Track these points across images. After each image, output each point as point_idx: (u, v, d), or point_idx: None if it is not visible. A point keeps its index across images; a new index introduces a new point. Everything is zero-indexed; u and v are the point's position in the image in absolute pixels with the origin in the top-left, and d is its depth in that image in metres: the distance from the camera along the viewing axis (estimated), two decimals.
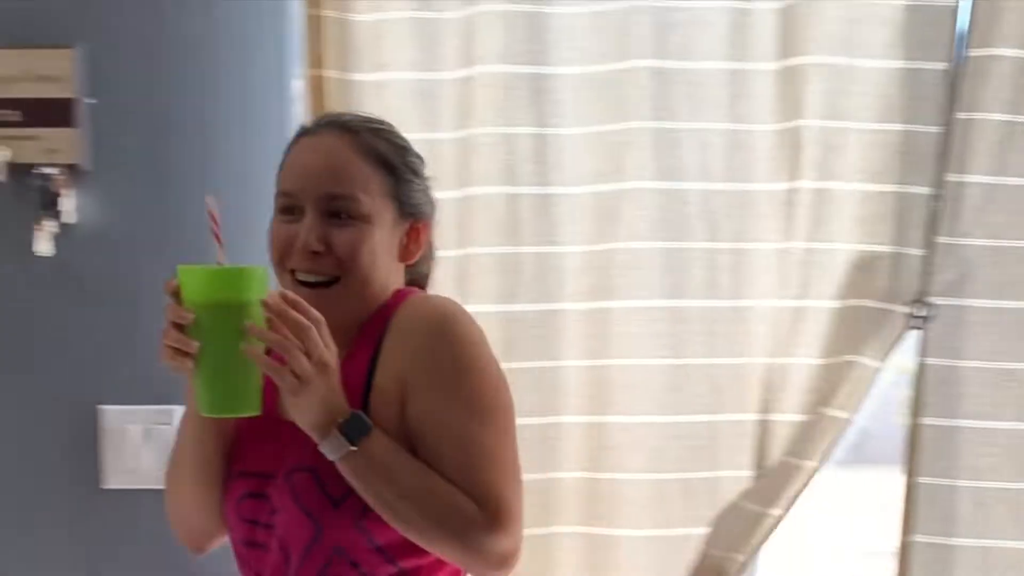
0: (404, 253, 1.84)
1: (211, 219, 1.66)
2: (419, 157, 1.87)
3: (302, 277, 1.75)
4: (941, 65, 2.45)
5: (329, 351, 1.64)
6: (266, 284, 1.65)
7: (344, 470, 1.67)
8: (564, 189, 2.54)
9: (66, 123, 2.47)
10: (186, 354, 1.62)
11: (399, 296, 1.82)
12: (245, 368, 1.64)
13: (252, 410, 1.67)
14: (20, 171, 2.46)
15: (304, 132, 1.83)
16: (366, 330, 1.78)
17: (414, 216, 1.84)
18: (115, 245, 2.50)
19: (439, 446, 1.70)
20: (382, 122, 1.85)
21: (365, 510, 1.70)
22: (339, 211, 1.75)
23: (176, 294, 1.62)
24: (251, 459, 1.82)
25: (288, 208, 1.77)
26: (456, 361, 1.72)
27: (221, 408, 1.68)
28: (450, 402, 1.71)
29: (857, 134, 2.48)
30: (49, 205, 2.46)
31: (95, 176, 2.49)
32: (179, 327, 1.62)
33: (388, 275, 1.81)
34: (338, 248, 1.75)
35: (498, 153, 2.53)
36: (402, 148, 1.84)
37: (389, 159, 1.81)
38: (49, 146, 2.47)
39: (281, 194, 1.78)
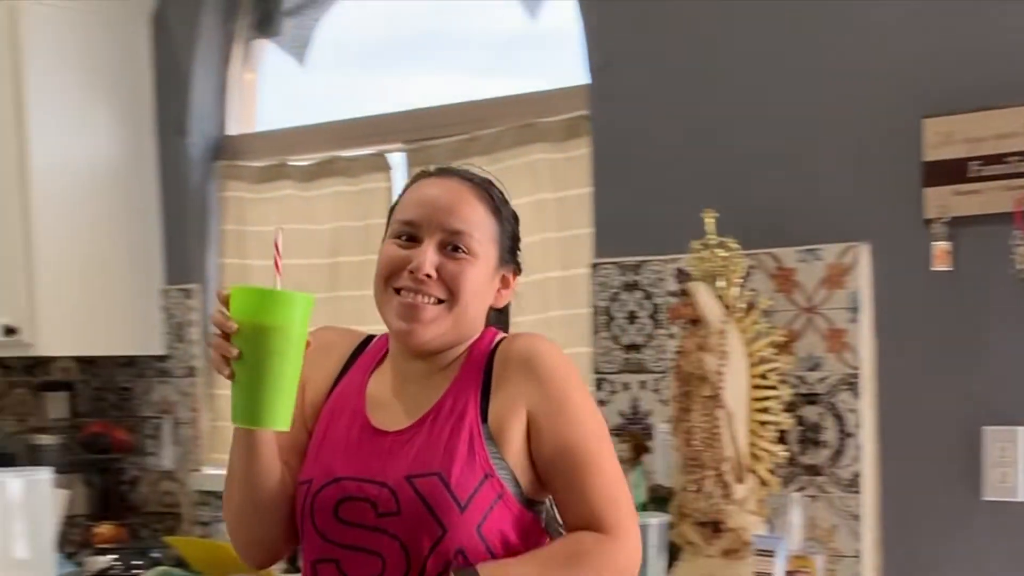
0: (497, 297, 2.01)
1: (276, 250, 1.82)
2: (516, 217, 2.04)
3: (407, 298, 1.91)
4: None
5: None
6: (310, 311, 1.77)
7: None
8: None
9: None
10: (227, 363, 1.76)
11: (490, 334, 2.00)
12: (278, 386, 1.75)
13: (281, 426, 1.78)
14: None
15: (424, 175, 2.01)
16: (468, 364, 1.96)
17: (509, 265, 2.01)
18: None
19: (580, 473, 1.89)
20: (493, 177, 2.05)
21: (485, 516, 1.86)
22: (456, 244, 1.92)
23: (227, 305, 1.77)
24: (349, 466, 1.93)
25: (406, 235, 1.93)
26: (573, 393, 1.92)
27: (249, 420, 1.78)
28: (578, 433, 1.90)
29: None
30: None
31: None
32: (226, 336, 1.75)
33: (481, 313, 1.98)
34: (448, 274, 1.91)
35: None
36: (506, 203, 2.03)
37: (499, 209, 1.99)
38: None
39: (402, 222, 1.94)
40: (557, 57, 3.38)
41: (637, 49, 3.11)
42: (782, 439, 2.80)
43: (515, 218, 2.04)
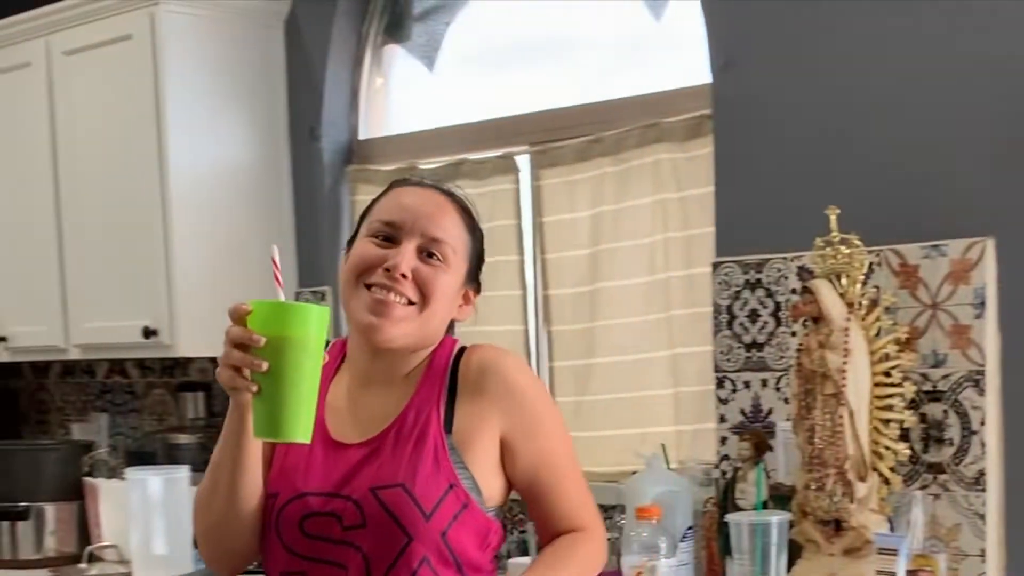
0: (458, 311, 2.08)
1: (274, 265, 1.84)
2: (483, 238, 2.12)
3: (378, 294, 1.95)
4: None
5: None
6: (326, 323, 1.80)
7: None
8: None
9: None
10: (243, 378, 1.78)
11: (449, 343, 2.07)
12: (301, 398, 1.78)
13: (304, 438, 1.80)
14: None
15: (405, 183, 2.07)
16: (430, 373, 2.02)
17: (473, 283, 2.10)
18: None
19: (557, 483, 2.05)
20: (469, 198, 2.11)
21: (450, 524, 1.93)
22: (432, 251, 1.99)
23: (242, 321, 1.78)
24: (313, 481, 1.97)
25: (384, 235, 1.98)
26: (545, 411, 2.05)
27: (274, 433, 1.81)
28: (553, 449, 2.04)
29: None
30: None
31: None
32: (244, 349, 1.77)
33: (444, 321, 2.05)
34: (421, 278, 1.97)
35: None
36: (479, 223, 2.12)
37: (475, 227, 2.08)
38: None
39: (383, 222, 1.99)
40: (680, 57, 3.39)
41: (759, 48, 3.10)
42: (905, 437, 2.76)
43: (483, 239, 2.11)
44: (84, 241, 4.11)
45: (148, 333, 3.88)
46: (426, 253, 1.98)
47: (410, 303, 1.96)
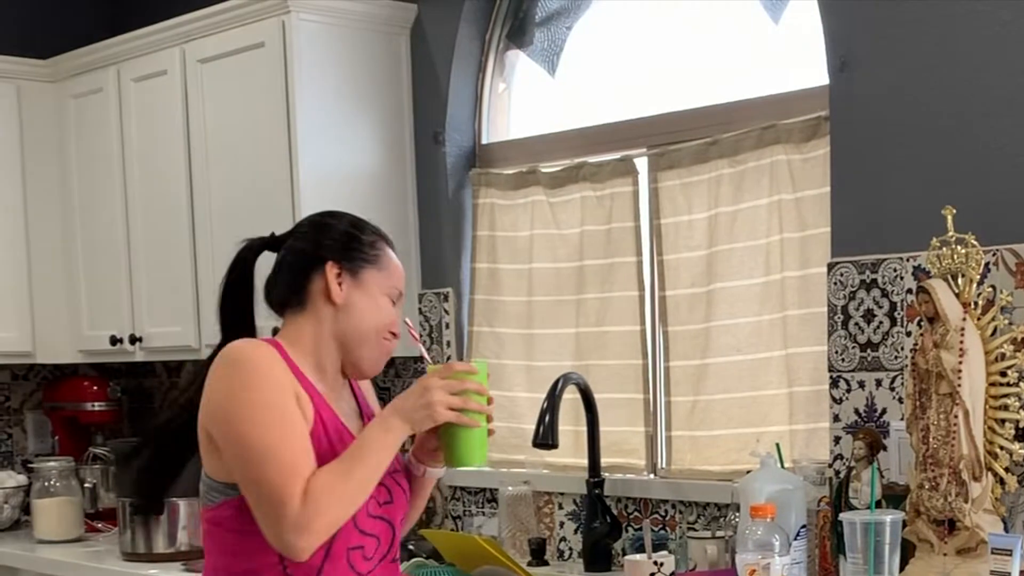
0: None
1: (410, 332, 2.55)
2: None
3: (388, 348, 2.47)
4: None
5: None
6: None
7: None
8: None
9: None
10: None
11: None
12: (484, 431, 2.42)
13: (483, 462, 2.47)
14: None
15: (390, 243, 2.53)
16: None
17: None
18: None
19: None
20: None
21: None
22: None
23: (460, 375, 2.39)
24: None
25: (392, 300, 2.47)
26: None
27: (470, 460, 2.43)
28: None
29: None
30: None
31: None
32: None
33: None
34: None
35: None
36: None
37: None
38: None
39: (398, 290, 2.49)
40: (798, 59, 3.40)
41: (877, 49, 3.10)
42: (1020, 437, 2.74)
43: None
44: (216, 245, 4.22)
45: (276, 333, 3.98)
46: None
47: None
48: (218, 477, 2.34)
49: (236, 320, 2.51)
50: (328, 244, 2.45)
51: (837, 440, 3.16)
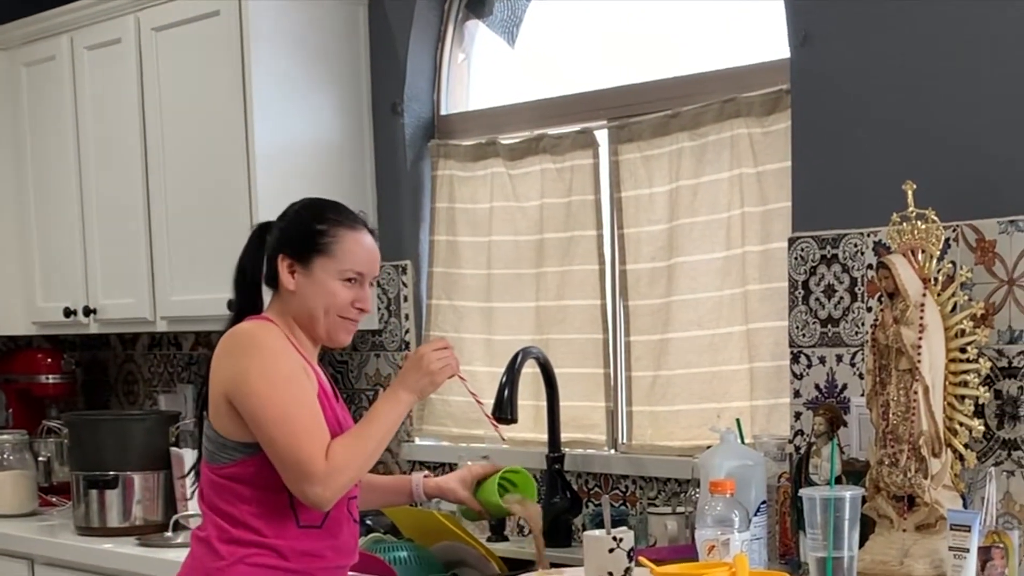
0: None
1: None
2: None
3: (351, 324, 2.77)
4: None
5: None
6: None
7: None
8: None
9: None
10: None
11: None
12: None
13: None
14: None
15: (356, 225, 2.77)
16: None
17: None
18: None
19: None
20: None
21: None
22: (373, 283, 2.81)
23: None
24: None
25: (351, 280, 2.73)
26: None
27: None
28: None
29: None
30: None
31: None
32: None
33: None
34: (371, 305, 2.91)
35: None
36: None
37: None
38: None
39: (356, 272, 2.73)
40: (759, 32, 3.38)
41: (839, 23, 3.08)
42: (979, 413, 2.75)
43: None
44: (171, 216, 4.18)
45: (232, 305, 3.94)
46: (370, 283, 2.79)
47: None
48: (236, 437, 2.67)
49: (248, 296, 2.84)
50: (284, 237, 2.76)
51: (798, 416, 3.15)
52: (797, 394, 3.16)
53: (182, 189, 4.14)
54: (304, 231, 2.75)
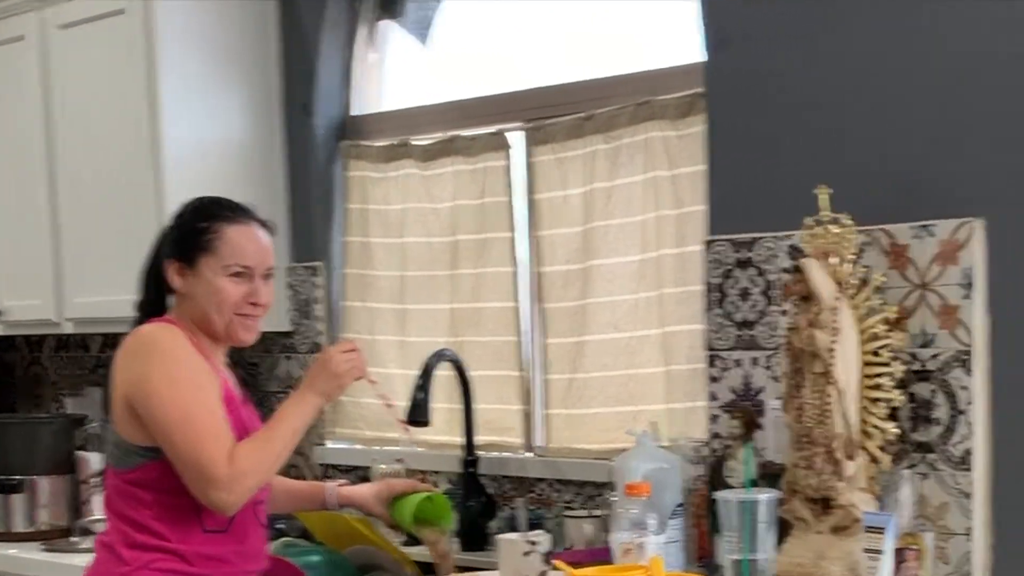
0: None
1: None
2: None
3: (250, 320, 2.74)
4: None
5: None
6: None
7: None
8: None
9: None
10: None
11: None
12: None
13: None
14: None
15: (241, 219, 2.77)
16: None
17: None
18: None
19: None
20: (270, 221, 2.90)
21: None
22: (268, 276, 2.77)
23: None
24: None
25: (240, 274, 2.70)
26: None
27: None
28: None
29: None
30: None
31: None
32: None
33: None
34: (267, 297, 2.78)
35: None
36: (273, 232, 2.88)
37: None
38: None
39: (242, 266, 2.71)
40: (674, 35, 3.39)
41: (753, 27, 3.10)
42: (893, 416, 2.77)
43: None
44: (78, 216, 4.12)
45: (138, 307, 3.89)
46: (264, 276, 2.75)
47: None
48: (139, 442, 2.65)
49: (152, 299, 2.84)
50: (171, 240, 2.78)
51: (714, 419, 3.17)
52: (713, 397, 3.17)
53: (89, 190, 4.08)
54: (187, 231, 2.75)
